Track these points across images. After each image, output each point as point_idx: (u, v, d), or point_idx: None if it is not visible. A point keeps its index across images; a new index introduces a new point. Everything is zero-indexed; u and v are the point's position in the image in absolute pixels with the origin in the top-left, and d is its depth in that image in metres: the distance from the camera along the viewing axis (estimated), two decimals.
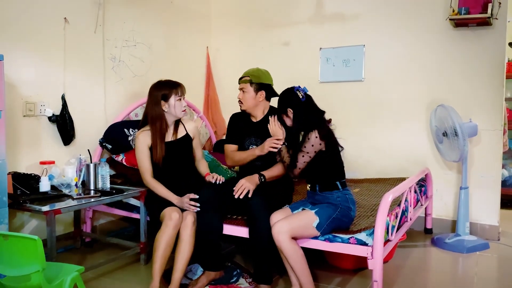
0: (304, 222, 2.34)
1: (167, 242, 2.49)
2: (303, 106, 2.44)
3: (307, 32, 4.28)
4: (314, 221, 2.33)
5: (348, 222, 2.44)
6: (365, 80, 4.03)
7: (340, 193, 2.41)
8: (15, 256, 1.92)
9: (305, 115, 2.43)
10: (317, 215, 2.35)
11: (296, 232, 2.33)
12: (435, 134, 3.44)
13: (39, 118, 3.07)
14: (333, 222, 2.37)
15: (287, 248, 2.29)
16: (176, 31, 4.31)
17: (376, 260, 2.23)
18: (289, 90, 2.51)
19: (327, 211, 2.37)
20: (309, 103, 2.49)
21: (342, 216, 2.39)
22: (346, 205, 2.40)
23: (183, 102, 2.75)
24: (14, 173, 2.75)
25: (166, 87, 2.73)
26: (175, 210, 2.57)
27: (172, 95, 2.71)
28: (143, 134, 2.76)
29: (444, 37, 3.68)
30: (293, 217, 2.38)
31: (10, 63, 2.80)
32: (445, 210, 3.77)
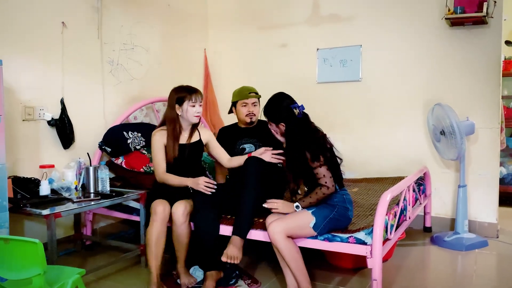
0: (300, 222, 2.36)
1: (156, 238, 2.55)
2: (297, 122, 2.41)
3: (304, 33, 4.30)
4: (311, 221, 2.34)
5: (346, 222, 2.44)
6: (362, 80, 4.05)
7: (338, 194, 2.41)
8: (16, 260, 1.93)
9: (299, 134, 2.39)
10: (314, 215, 2.36)
11: (292, 232, 2.34)
12: (433, 133, 3.46)
13: (38, 122, 3.08)
14: (330, 222, 2.38)
15: (283, 247, 2.31)
16: (174, 34, 4.33)
17: (375, 259, 2.24)
18: (282, 101, 2.46)
19: (324, 211, 2.38)
20: (305, 121, 2.46)
21: (339, 216, 2.39)
22: (343, 205, 2.40)
23: (197, 108, 2.75)
24: (14, 177, 2.76)
25: (182, 92, 2.75)
26: (161, 203, 2.61)
27: (186, 100, 2.72)
28: (159, 133, 2.79)
29: (440, 36, 3.70)
30: (289, 217, 2.39)
31: (8, 68, 2.81)
32: (444, 209, 3.79)
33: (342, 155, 2.54)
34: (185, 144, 2.82)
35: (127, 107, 3.72)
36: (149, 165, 3.27)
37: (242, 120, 3.13)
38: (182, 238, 2.61)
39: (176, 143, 2.75)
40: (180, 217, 2.58)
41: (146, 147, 3.48)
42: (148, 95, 3.95)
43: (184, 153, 2.78)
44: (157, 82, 4.10)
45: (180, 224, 2.59)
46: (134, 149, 3.42)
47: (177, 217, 2.58)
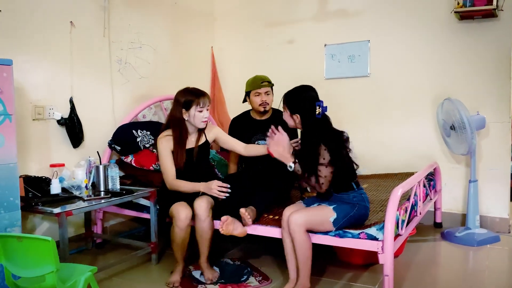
0: (321, 217, 2.36)
1: (182, 241, 2.61)
2: (315, 121, 2.35)
3: (312, 29, 4.28)
4: (332, 216, 2.35)
5: (364, 220, 2.46)
6: (371, 76, 4.03)
7: (356, 193, 2.41)
8: (29, 258, 1.94)
9: (316, 131, 2.34)
10: (335, 211, 2.36)
11: (312, 225, 2.35)
12: (443, 128, 3.43)
13: (48, 121, 3.10)
14: (350, 220, 2.39)
15: (300, 239, 2.31)
16: (181, 32, 4.33)
17: (387, 255, 2.23)
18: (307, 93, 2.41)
19: (345, 208, 2.38)
20: (323, 122, 2.40)
21: (359, 215, 2.40)
22: (363, 204, 2.41)
23: (205, 113, 2.69)
24: (25, 176, 2.78)
25: (189, 95, 2.69)
26: (183, 208, 2.59)
27: (194, 105, 2.67)
28: (165, 139, 2.75)
29: (449, 30, 3.67)
30: (311, 210, 2.40)
31: (18, 68, 2.81)
32: (455, 204, 3.76)
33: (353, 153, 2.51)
34: (193, 148, 2.80)
35: (135, 106, 3.73)
36: (158, 163, 3.28)
37: (256, 109, 3.20)
38: (205, 233, 2.61)
39: (183, 149, 2.72)
40: (203, 212, 2.57)
41: (155, 145, 3.49)
42: (156, 93, 3.96)
43: (192, 157, 2.77)
44: (165, 80, 4.11)
45: (204, 219, 2.58)
46: (143, 147, 3.42)
47: (201, 212, 2.58)
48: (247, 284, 2.59)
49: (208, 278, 2.63)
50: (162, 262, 3.04)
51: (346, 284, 2.62)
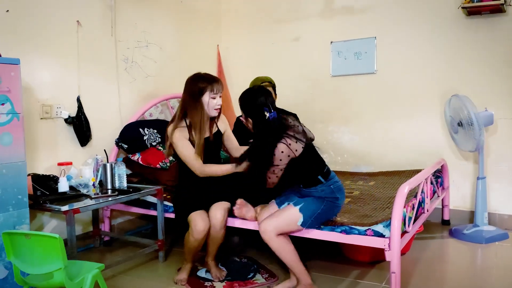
0: (288, 220, 2.38)
1: (195, 248, 2.61)
2: (267, 123, 2.27)
3: (318, 26, 4.27)
4: (298, 219, 2.37)
5: (336, 210, 2.47)
6: (377, 73, 4.01)
7: (324, 186, 2.38)
8: (37, 255, 1.97)
9: (266, 131, 2.28)
10: (301, 212, 2.37)
11: (281, 229, 2.37)
12: (450, 125, 3.40)
13: (55, 120, 3.13)
14: (319, 217, 2.40)
15: (275, 245, 2.35)
16: (187, 30, 4.34)
17: (394, 252, 2.22)
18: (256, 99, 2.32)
19: (312, 206, 2.38)
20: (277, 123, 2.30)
21: (328, 209, 2.40)
22: (332, 196, 2.39)
23: (218, 100, 2.57)
24: (33, 175, 2.80)
25: (202, 82, 2.54)
26: (201, 219, 2.53)
27: (207, 91, 2.53)
28: (179, 129, 2.59)
29: (457, 26, 3.64)
30: (278, 215, 2.41)
31: (25, 67, 2.84)
32: (463, 201, 3.73)
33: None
34: (208, 137, 2.67)
35: (142, 104, 3.75)
36: (165, 161, 3.30)
37: None
38: (218, 240, 2.62)
39: (203, 137, 2.56)
40: (219, 223, 2.54)
41: (162, 144, 3.50)
42: (163, 92, 3.97)
43: (208, 147, 2.64)
44: (171, 79, 4.12)
45: (219, 230, 2.56)
46: (150, 145, 3.44)
47: (216, 222, 2.55)
48: (253, 281, 2.60)
49: (216, 276, 2.64)
50: (169, 259, 3.06)
51: (352, 282, 2.61)
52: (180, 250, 3.22)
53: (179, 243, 3.38)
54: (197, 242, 2.56)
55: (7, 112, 2.27)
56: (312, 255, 3.01)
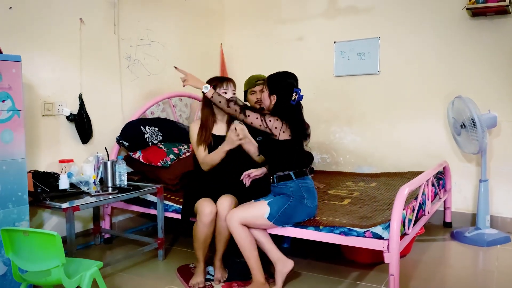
0: (255, 212, 2.44)
1: (204, 239, 2.59)
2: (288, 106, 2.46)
3: (321, 26, 4.25)
4: (266, 212, 2.42)
5: (305, 210, 2.47)
6: (380, 73, 3.99)
7: (293, 183, 2.45)
8: (36, 252, 1.97)
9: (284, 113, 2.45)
10: (269, 205, 2.43)
11: (247, 221, 2.43)
12: (453, 127, 3.38)
13: (57, 117, 3.13)
14: (286, 212, 2.43)
15: (237, 234, 2.43)
16: (190, 29, 4.34)
17: (392, 254, 2.21)
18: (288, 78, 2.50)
19: (280, 202, 2.45)
20: (296, 109, 2.50)
21: (294, 206, 2.44)
22: (299, 194, 2.44)
23: (229, 95, 2.68)
24: (34, 172, 2.81)
25: (213, 81, 2.72)
26: (207, 204, 2.56)
27: (217, 88, 2.66)
28: (195, 123, 2.79)
29: (461, 27, 3.61)
30: (246, 206, 2.49)
31: (27, 64, 2.86)
32: (465, 204, 3.71)
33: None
34: (223, 136, 2.73)
35: (144, 102, 3.75)
36: (166, 159, 3.30)
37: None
38: (224, 232, 2.59)
39: (207, 131, 2.70)
40: (224, 210, 2.54)
41: (163, 142, 3.51)
42: (165, 90, 3.97)
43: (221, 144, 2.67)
44: (173, 77, 4.08)
45: (225, 219, 2.54)
46: (151, 143, 3.44)
47: (222, 211, 2.55)
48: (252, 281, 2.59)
49: (217, 278, 2.63)
50: (169, 258, 3.06)
51: (351, 283, 2.60)
52: (180, 249, 3.23)
53: (179, 242, 3.40)
54: (205, 228, 2.55)
55: (8, 109, 2.27)
56: (311, 256, 3.01)
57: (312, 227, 2.46)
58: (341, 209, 2.77)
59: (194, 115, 4.17)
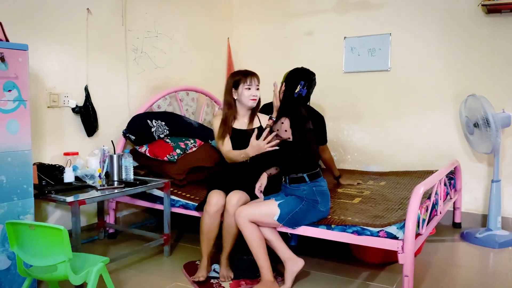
0: (265, 212, 2.39)
1: (207, 230, 2.56)
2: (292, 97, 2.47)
3: (331, 20, 4.18)
4: (276, 214, 2.36)
5: (317, 214, 2.41)
6: (391, 70, 3.92)
7: (307, 186, 2.39)
8: (41, 246, 1.91)
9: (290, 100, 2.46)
10: (280, 207, 2.37)
11: (255, 219, 2.38)
12: (466, 125, 3.31)
13: (62, 109, 3.07)
14: (296, 216, 2.38)
15: (246, 231, 2.38)
16: (197, 22, 4.27)
17: (407, 254, 2.15)
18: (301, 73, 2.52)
19: (291, 204, 2.38)
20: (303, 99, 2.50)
21: (306, 210, 2.38)
22: (312, 198, 2.38)
23: (253, 91, 2.67)
24: (39, 164, 2.76)
25: (237, 75, 2.71)
26: (216, 194, 2.55)
27: (241, 83, 2.66)
28: (217, 117, 2.79)
29: (475, 24, 3.54)
30: (257, 205, 2.44)
31: (34, 54, 2.80)
32: (475, 204, 3.64)
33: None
34: (246, 130, 2.74)
35: (150, 96, 3.69)
36: (173, 154, 3.24)
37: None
38: (232, 228, 2.53)
39: (228, 126, 2.70)
40: (233, 206, 2.49)
41: (169, 136, 3.45)
42: (172, 84, 3.91)
43: (242, 139, 2.66)
44: (180, 71, 4.06)
45: (233, 214, 2.49)
46: (158, 137, 3.38)
47: (230, 206, 2.51)
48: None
49: (223, 276, 2.57)
50: (174, 254, 3.00)
51: (362, 283, 2.54)
52: (186, 246, 3.18)
53: (185, 237, 3.34)
54: (210, 219, 2.52)
55: (14, 99, 2.21)
56: (319, 254, 2.95)
57: (324, 225, 2.40)
58: (352, 207, 2.71)
59: (201, 110, 4.10)
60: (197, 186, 3.22)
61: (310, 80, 2.55)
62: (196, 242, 3.16)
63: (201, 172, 3.36)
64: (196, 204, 2.87)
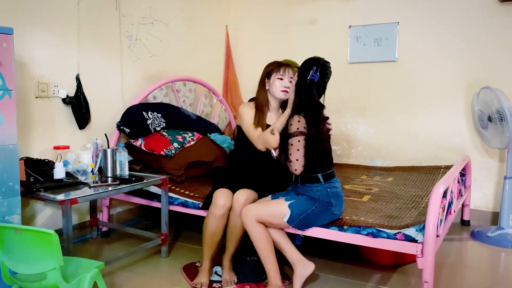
0: (274, 213, 2.23)
1: (212, 233, 2.39)
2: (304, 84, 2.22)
3: (335, 8, 3.99)
4: (286, 215, 2.20)
5: (329, 217, 2.24)
6: (398, 61, 3.75)
7: (321, 186, 2.20)
8: (29, 252, 1.74)
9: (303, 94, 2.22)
10: (290, 208, 2.20)
11: (263, 219, 2.23)
12: (479, 119, 3.16)
13: (52, 99, 2.86)
14: (308, 218, 2.21)
15: (254, 232, 2.22)
16: (195, 8, 4.06)
17: (427, 259, 2.00)
18: (314, 60, 2.26)
19: (303, 205, 2.21)
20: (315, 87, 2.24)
21: (319, 212, 2.21)
22: (326, 200, 2.20)
23: (285, 82, 2.48)
24: (26, 159, 2.55)
25: (271, 65, 2.55)
26: (223, 195, 2.37)
27: (274, 72, 2.49)
28: (247, 104, 2.59)
29: (488, 12, 3.37)
30: (266, 204, 2.27)
31: (19, 40, 2.60)
32: (485, 201, 3.51)
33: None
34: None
35: (146, 86, 3.48)
36: (170, 148, 3.05)
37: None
38: (237, 229, 2.36)
39: (262, 115, 2.49)
40: (240, 206, 2.32)
41: (166, 129, 3.25)
42: (168, 73, 3.71)
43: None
44: (177, 59, 3.85)
45: (239, 214, 2.32)
46: (154, 130, 3.19)
47: (237, 205, 2.34)
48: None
49: (226, 280, 2.40)
50: (172, 254, 2.83)
51: (374, 287, 2.39)
52: (184, 245, 3.00)
53: (183, 236, 3.17)
54: (215, 221, 2.35)
55: None
56: (326, 255, 2.79)
57: (335, 226, 2.24)
58: (362, 206, 2.56)
59: (198, 102, 3.91)
60: (196, 182, 3.05)
61: (323, 66, 2.29)
62: (196, 240, 3.00)
63: (200, 167, 3.18)
64: (197, 202, 2.70)
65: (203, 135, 3.43)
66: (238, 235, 2.39)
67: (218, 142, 3.39)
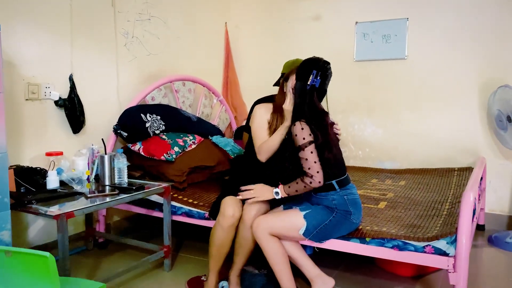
0: (289, 224, 2.06)
1: (220, 244, 2.20)
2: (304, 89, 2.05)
3: (341, 3, 3.83)
4: (301, 227, 2.03)
5: (349, 227, 2.07)
6: (408, 58, 3.59)
7: (337, 194, 2.04)
8: (21, 277, 1.53)
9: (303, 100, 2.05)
10: (306, 219, 2.02)
11: (277, 232, 2.06)
12: (497, 119, 3.01)
13: (43, 102, 2.65)
14: (326, 229, 2.04)
15: (265, 245, 2.05)
16: (193, 4, 3.86)
17: (460, 274, 1.84)
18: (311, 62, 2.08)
19: (320, 216, 2.04)
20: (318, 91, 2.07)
21: (338, 222, 2.04)
22: (344, 209, 2.03)
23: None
24: (16, 167, 2.35)
25: (289, 68, 2.36)
26: (232, 204, 2.18)
27: (292, 75, 2.27)
28: (264, 106, 2.38)
29: (503, 4, 3.22)
30: (279, 215, 2.11)
31: (9, 38, 2.40)
32: (500, 205, 3.37)
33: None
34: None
35: (143, 86, 3.28)
36: (170, 152, 2.85)
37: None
38: (247, 242, 2.18)
39: (280, 117, 2.29)
40: (251, 218, 2.14)
41: (166, 132, 3.06)
42: (166, 72, 3.52)
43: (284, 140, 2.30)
44: (175, 58, 3.66)
45: (249, 228, 2.14)
46: (153, 133, 2.99)
47: (248, 217, 2.15)
48: None
49: None
50: (176, 268, 2.64)
51: None
52: (188, 257, 2.81)
53: (186, 246, 2.98)
54: (224, 233, 2.17)
55: None
56: (340, 266, 2.62)
57: (356, 238, 2.07)
58: (380, 214, 2.39)
59: (198, 102, 3.71)
60: (199, 189, 2.85)
61: (324, 69, 2.12)
62: (200, 251, 2.82)
63: (202, 172, 2.99)
64: (202, 212, 2.51)
65: (205, 137, 3.24)
66: (248, 249, 2.21)
67: (220, 145, 3.20)
